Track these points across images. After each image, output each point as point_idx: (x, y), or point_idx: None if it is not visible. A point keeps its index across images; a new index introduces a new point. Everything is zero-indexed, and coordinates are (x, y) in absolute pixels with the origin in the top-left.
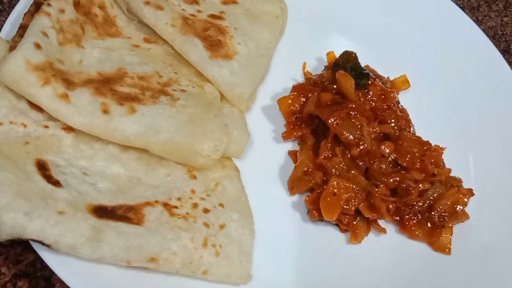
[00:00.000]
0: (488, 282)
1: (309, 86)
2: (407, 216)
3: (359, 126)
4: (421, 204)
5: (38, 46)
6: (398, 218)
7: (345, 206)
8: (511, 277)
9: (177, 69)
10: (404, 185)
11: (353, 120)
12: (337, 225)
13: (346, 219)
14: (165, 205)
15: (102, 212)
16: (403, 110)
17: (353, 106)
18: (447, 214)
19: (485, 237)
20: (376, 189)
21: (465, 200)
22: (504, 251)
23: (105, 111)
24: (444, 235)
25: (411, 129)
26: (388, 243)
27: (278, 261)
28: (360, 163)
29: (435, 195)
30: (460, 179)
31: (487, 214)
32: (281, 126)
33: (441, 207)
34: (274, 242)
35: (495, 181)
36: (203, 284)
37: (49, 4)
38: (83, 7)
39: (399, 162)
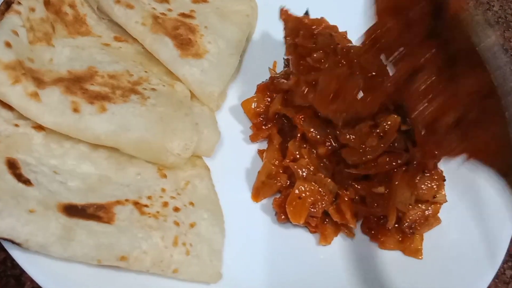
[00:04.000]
0: (460, 281)
1: (272, 86)
2: (375, 226)
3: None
4: None
5: (8, 44)
6: (366, 230)
7: (312, 209)
8: (480, 275)
9: (148, 68)
10: (372, 197)
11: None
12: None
13: (314, 222)
14: (136, 203)
15: (72, 210)
16: None
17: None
18: (417, 223)
19: (455, 236)
20: (345, 192)
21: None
22: (474, 249)
23: (76, 110)
24: (415, 240)
25: None
26: (358, 244)
27: (249, 260)
28: (327, 162)
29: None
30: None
31: (457, 212)
32: (251, 125)
33: (411, 218)
34: (245, 241)
35: (467, 179)
36: (174, 283)
37: (19, 3)
38: (53, 5)
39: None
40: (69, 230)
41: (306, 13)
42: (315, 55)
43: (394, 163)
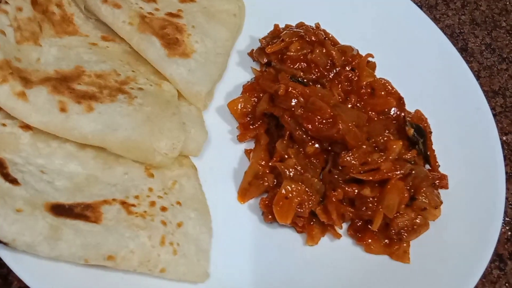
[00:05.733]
0: (447, 281)
1: (258, 86)
2: (361, 229)
3: None
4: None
5: None
6: (351, 232)
7: (298, 209)
8: (467, 275)
9: (135, 68)
10: (361, 200)
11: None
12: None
13: (301, 222)
14: (123, 203)
15: (59, 210)
16: None
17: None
18: (405, 231)
19: (442, 236)
20: (333, 193)
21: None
22: (461, 249)
23: (63, 109)
24: (402, 245)
25: None
26: (345, 244)
27: (236, 259)
28: (315, 161)
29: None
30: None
31: (444, 212)
32: (238, 124)
33: (399, 225)
34: (232, 241)
35: (453, 179)
36: (161, 283)
37: (6, 2)
38: (40, 5)
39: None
40: (56, 230)
41: None
42: (292, 47)
43: (396, 172)
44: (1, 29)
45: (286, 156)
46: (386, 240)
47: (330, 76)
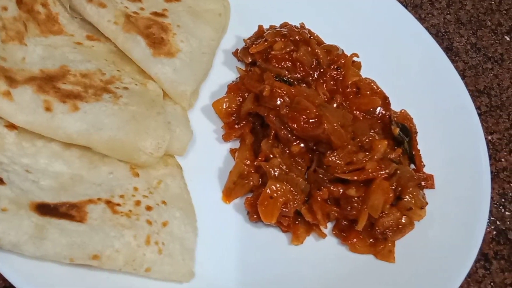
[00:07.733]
0: (433, 280)
1: (243, 86)
2: (347, 228)
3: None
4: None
5: None
6: (336, 232)
7: (283, 209)
8: (453, 275)
9: (120, 67)
10: (346, 199)
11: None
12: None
13: (286, 221)
14: (108, 202)
15: (45, 209)
16: None
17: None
18: (390, 230)
19: (427, 235)
20: (318, 192)
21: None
22: (447, 249)
23: (48, 109)
24: (387, 244)
25: None
26: (330, 244)
27: (221, 259)
28: (300, 161)
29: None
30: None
31: (429, 211)
32: (223, 124)
33: (384, 224)
34: (217, 240)
35: (438, 178)
36: (146, 282)
37: None
38: (25, 4)
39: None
40: (41, 229)
41: None
42: (275, 46)
43: (381, 172)
44: None
45: (271, 156)
46: (371, 240)
47: (315, 76)
